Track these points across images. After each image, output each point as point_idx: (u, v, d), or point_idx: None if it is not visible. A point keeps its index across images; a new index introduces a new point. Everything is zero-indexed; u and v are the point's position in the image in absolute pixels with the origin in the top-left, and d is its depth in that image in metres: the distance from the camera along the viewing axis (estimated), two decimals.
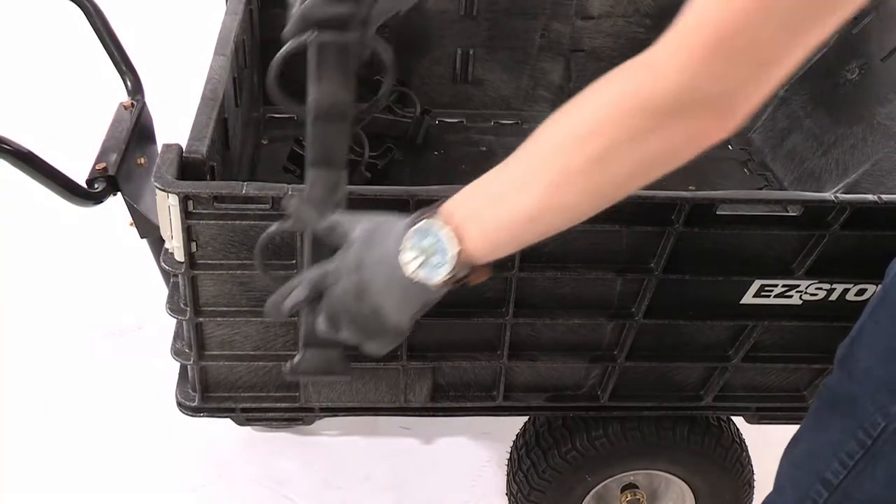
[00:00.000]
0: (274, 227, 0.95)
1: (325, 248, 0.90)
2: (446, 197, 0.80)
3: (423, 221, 0.78)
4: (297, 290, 0.89)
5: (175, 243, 1.06)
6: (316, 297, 0.88)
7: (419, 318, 0.86)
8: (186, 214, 1.02)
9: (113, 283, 2.27)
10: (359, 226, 0.85)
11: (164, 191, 1.00)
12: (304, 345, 0.97)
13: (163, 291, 1.28)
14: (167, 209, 1.01)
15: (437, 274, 0.78)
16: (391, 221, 0.83)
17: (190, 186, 1.01)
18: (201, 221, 1.03)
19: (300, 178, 1.07)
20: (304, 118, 0.94)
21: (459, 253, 0.76)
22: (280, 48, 1.01)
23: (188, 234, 1.04)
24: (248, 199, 1.03)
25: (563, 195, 0.73)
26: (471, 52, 1.85)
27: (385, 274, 0.80)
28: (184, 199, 1.01)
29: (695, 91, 0.67)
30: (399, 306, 0.82)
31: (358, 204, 1.05)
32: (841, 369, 1.02)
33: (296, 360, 0.97)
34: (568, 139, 0.71)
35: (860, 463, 0.99)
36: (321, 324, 0.89)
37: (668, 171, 0.72)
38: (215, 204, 1.02)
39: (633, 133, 0.69)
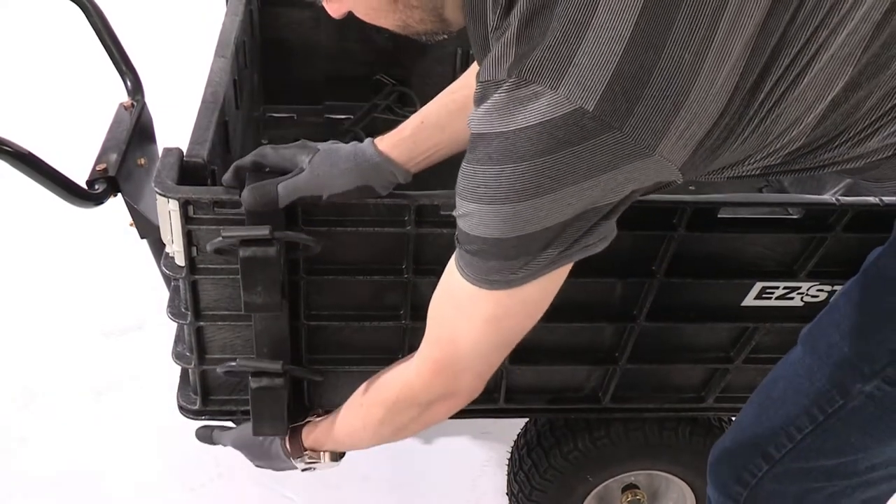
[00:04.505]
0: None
1: None
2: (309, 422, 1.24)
3: (304, 461, 1.23)
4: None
5: (176, 248, 1.05)
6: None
7: None
8: (187, 219, 1.02)
9: (113, 283, 2.27)
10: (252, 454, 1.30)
11: (164, 196, 1.00)
12: None
13: (163, 291, 1.28)
14: (167, 214, 1.01)
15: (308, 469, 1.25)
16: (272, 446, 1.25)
17: (190, 192, 1.01)
18: (202, 227, 1.03)
19: None
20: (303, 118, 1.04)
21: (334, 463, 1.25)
22: (280, 49, 1.02)
23: (189, 239, 1.04)
24: None
25: (374, 444, 1.14)
26: (470, 51, 1.84)
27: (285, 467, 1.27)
28: (184, 205, 1.01)
29: (432, 394, 1.00)
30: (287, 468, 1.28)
31: (360, 211, 1.06)
32: (803, 345, 1.03)
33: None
34: (373, 425, 1.09)
35: (808, 437, 1.00)
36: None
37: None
38: (216, 209, 1.02)
39: (399, 420, 1.05)
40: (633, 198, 0.80)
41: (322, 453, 1.23)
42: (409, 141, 1.11)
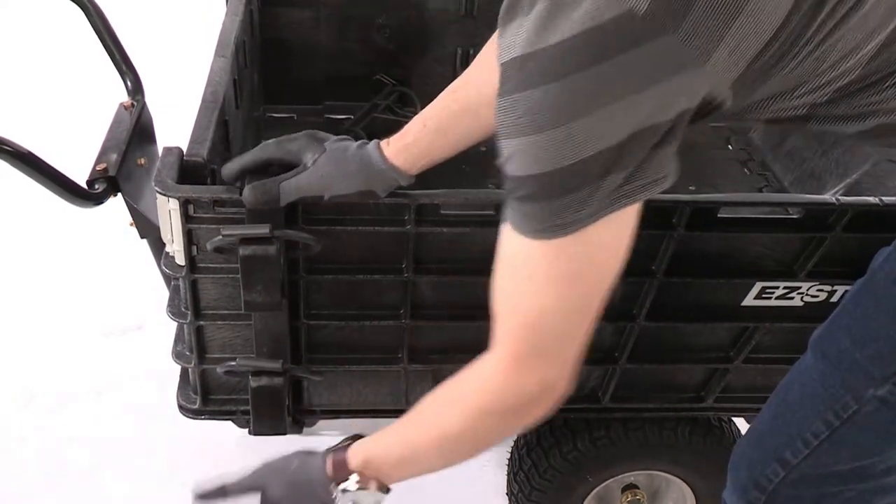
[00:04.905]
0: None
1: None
2: (353, 442, 1.05)
3: (348, 486, 1.01)
4: None
5: (176, 247, 1.05)
6: None
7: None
8: (187, 218, 1.02)
9: (113, 283, 2.26)
10: (275, 483, 1.05)
11: (164, 195, 1.00)
12: None
13: (163, 291, 1.28)
14: (168, 213, 1.01)
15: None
16: (306, 471, 1.03)
17: (190, 191, 1.01)
18: (202, 225, 1.03)
19: None
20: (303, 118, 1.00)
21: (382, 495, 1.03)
22: (280, 49, 1.01)
23: (189, 238, 1.04)
24: None
25: (445, 464, 0.98)
26: (471, 51, 1.85)
27: None
28: (184, 204, 1.01)
29: (520, 395, 0.87)
30: None
31: (360, 210, 1.06)
32: (814, 351, 1.02)
33: None
34: (447, 441, 0.94)
35: (824, 443, 1.00)
36: None
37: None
38: (216, 208, 1.02)
39: (487, 429, 0.92)
40: (684, 123, 0.75)
41: (370, 480, 1.04)
42: (412, 147, 1.10)
